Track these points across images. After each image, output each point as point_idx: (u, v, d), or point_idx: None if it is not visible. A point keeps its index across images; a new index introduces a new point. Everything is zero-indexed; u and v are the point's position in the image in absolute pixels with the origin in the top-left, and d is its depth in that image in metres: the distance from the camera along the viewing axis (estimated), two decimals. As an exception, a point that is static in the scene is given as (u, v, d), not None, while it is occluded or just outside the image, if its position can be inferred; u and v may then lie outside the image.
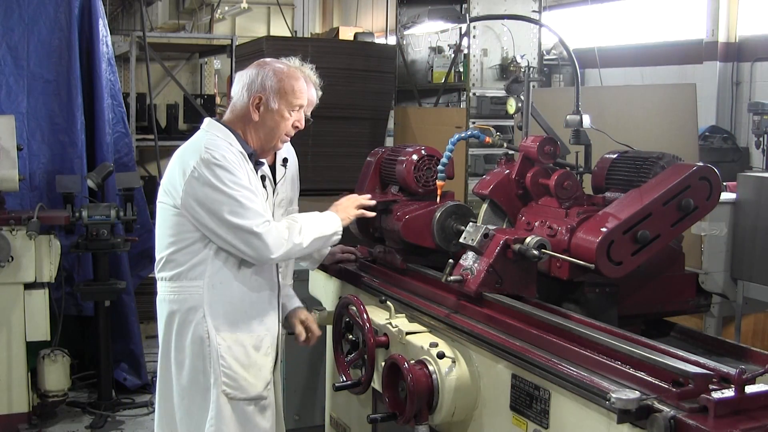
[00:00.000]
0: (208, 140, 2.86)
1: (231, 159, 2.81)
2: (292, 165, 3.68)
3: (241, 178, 2.81)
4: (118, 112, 5.78)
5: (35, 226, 4.68)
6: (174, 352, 2.93)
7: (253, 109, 2.91)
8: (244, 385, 2.89)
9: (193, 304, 2.87)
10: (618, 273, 2.54)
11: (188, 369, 2.90)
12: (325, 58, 4.57)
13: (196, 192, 2.77)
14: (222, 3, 14.56)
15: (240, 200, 2.77)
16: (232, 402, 2.88)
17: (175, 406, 2.95)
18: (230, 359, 2.87)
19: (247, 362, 2.90)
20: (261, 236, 2.77)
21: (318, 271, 3.73)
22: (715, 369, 2.04)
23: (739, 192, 4.34)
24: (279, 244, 2.81)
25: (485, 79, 6.99)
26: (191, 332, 2.88)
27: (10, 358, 4.81)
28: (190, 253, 2.85)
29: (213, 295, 2.86)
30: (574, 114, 3.04)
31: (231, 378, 2.87)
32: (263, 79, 2.91)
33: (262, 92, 2.90)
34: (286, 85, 2.93)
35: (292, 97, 2.94)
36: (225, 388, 2.86)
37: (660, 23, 11.39)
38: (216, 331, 2.86)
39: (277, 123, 2.94)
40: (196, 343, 2.87)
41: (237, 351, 2.88)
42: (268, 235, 2.78)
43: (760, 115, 8.16)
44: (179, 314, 2.89)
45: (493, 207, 3.05)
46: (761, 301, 4.19)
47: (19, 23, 5.32)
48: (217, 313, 2.87)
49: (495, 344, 2.48)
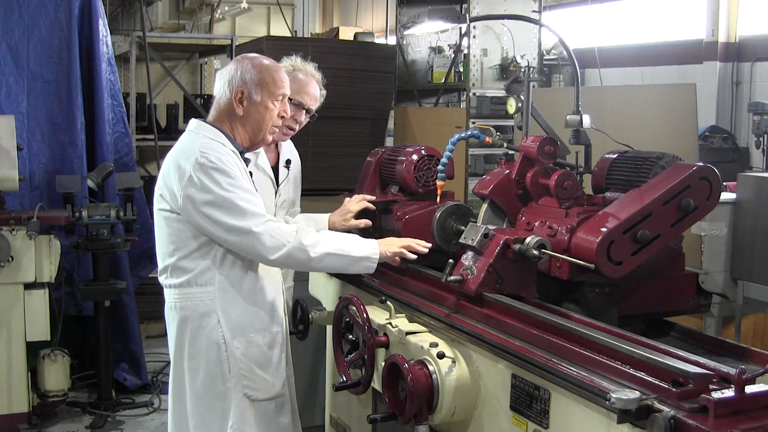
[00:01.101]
0: (201, 143, 2.82)
1: (226, 160, 2.79)
2: (295, 166, 3.69)
3: (238, 178, 2.80)
4: (118, 112, 5.79)
5: (35, 226, 4.68)
6: (187, 360, 2.91)
7: (237, 104, 2.88)
8: (264, 385, 2.91)
9: (206, 310, 2.85)
10: (618, 273, 2.54)
11: (203, 375, 2.88)
12: (325, 58, 4.56)
13: (195, 197, 2.75)
14: (222, 3, 14.56)
15: (237, 202, 2.75)
16: (254, 404, 2.89)
17: (189, 414, 2.93)
18: (248, 362, 2.88)
19: (264, 362, 2.92)
20: (259, 236, 2.75)
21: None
22: (715, 369, 2.04)
23: (739, 192, 4.34)
24: (278, 245, 2.77)
25: (485, 79, 6.99)
26: (206, 338, 2.86)
27: (10, 358, 4.81)
28: (196, 259, 2.84)
29: (225, 300, 2.86)
30: (574, 114, 3.04)
31: (251, 380, 2.87)
32: (242, 72, 2.88)
33: (243, 86, 2.87)
34: (266, 76, 2.89)
35: (273, 87, 2.90)
36: (247, 390, 2.86)
37: (660, 23, 11.38)
38: (232, 335, 2.86)
39: (262, 115, 2.91)
40: (212, 349, 2.86)
41: (254, 352, 2.89)
42: (267, 235, 2.75)
43: (760, 115, 8.15)
44: (192, 321, 2.87)
45: (493, 207, 3.05)
46: (761, 301, 4.19)
47: (19, 23, 5.33)
48: (231, 317, 2.86)
49: (495, 344, 2.47)
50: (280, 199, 3.56)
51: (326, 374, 3.80)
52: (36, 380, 4.99)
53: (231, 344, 2.86)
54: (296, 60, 3.52)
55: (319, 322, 3.36)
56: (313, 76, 3.52)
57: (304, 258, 2.83)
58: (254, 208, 2.79)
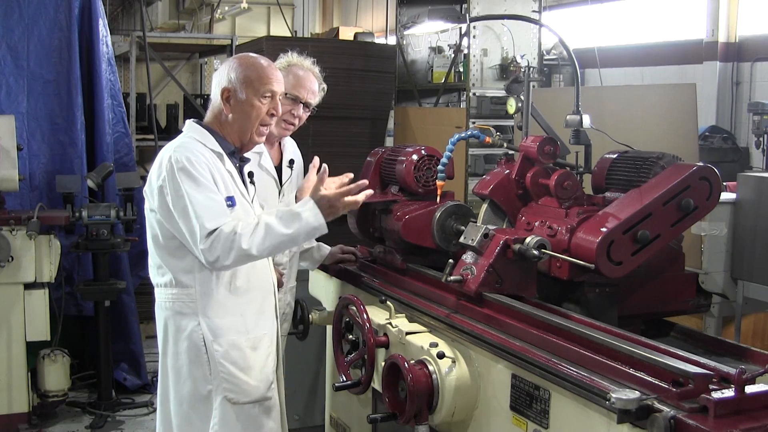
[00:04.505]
0: (180, 143, 2.81)
1: (198, 161, 2.73)
2: (298, 166, 3.68)
3: (204, 181, 2.71)
4: (118, 112, 5.79)
5: (35, 226, 4.68)
6: (171, 359, 2.89)
7: (224, 103, 2.84)
8: (246, 388, 2.85)
9: (188, 312, 2.83)
10: (618, 273, 2.54)
11: (186, 377, 2.86)
12: (325, 58, 4.55)
13: (163, 197, 2.73)
14: (222, 3, 14.55)
15: (194, 205, 2.67)
16: (236, 406, 2.84)
17: (173, 413, 2.92)
18: (228, 365, 2.82)
19: (245, 365, 2.86)
20: (208, 242, 2.65)
21: (318, 271, 3.73)
22: (715, 369, 2.04)
23: (739, 192, 4.34)
24: (227, 250, 2.65)
25: (485, 79, 6.99)
26: (187, 340, 2.84)
27: (10, 358, 4.81)
28: (177, 258, 2.80)
29: (206, 302, 2.81)
30: (574, 114, 3.04)
31: (232, 383, 2.83)
32: (229, 71, 2.84)
33: (229, 84, 2.83)
34: (251, 73, 2.82)
35: (259, 84, 2.82)
36: (228, 393, 2.82)
37: (660, 23, 11.38)
38: (212, 338, 2.81)
39: (248, 113, 2.83)
40: (193, 351, 2.83)
41: (235, 355, 2.84)
42: (217, 241, 2.64)
43: (760, 115, 8.15)
44: (174, 322, 2.86)
45: (493, 207, 3.05)
46: (761, 301, 4.19)
47: (19, 23, 5.33)
48: (212, 320, 2.82)
49: (495, 344, 2.48)
50: (284, 199, 3.56)
51: (326, 374, 3.80)
52: (36, 380, 4.99)
53: (211, 346, 2.81)
54: (293, 56, 3.51)
55: (319, 322, 3.36)
56: (311, 71, 3.51)
57: (248, 259, 2.72)
58: (207, 213, 2.67)
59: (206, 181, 2.72)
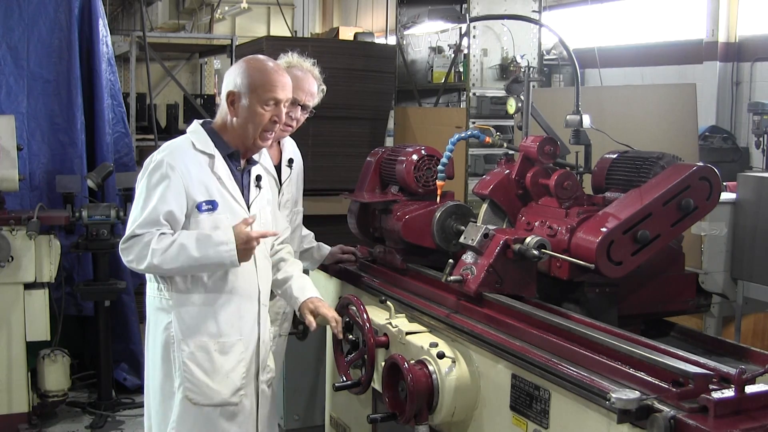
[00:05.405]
0: (169, 144, 2.90)
1: (172, 166, 2.77)
2: (298, 165, 3.68)
3: (161, 188, 2.76)
4: (118, 112, 5.78)
5: (35, 226, 4.68)
6: (150, 352, 2.97)
7: (229, 107, 2.86)
8: (206, 391, 2.86)
9: (163, 307, 2.89)
10: (618, 273, 2.54)
11: (158, 371, 2.92)
12: (325, 58, 4.55)
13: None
14: (222, 3, 14.56)
15: (137, 206, 2.81)
16: (195, 407, 2.86)
17: (149, 406, 3.02)
18: (192, 365, 2.84)
19: (210, 368, 2.86)
20: (127, 243, 2.79)
21: (318, 271, 3.73)
22: (715, 369, 2.04)
23: (739, 192, 4.34)
24: (141, 258, 2.77)
25: (485, 79, 6.98)
26: (161, 336, 2.89)
27: (10, 358, 4.80)
28: None
29: (181, 302, 2.86)
30: (574, 114, 3.04)
31: (193, 384, 2.85)
32: (236, 75, 2.85)
33: (234, 88, 2.84)
34: (256, 79, 2.82)
35: (262, 91, 2.81)
36: (188, 393, 2.85)
37: (660, 23, 11.39)
38: (181, 336, 2.85)
39: (250, 119, 2.83)
40: (164, 347, 2.88)
41: (200, 357, 2.85)
42: (135, 246, 2.77)
43: (760, 115, 8.16)
44: (154, 316, 2.94)
45: (493, 207, 3.05)
46: (761, 301, 4.19)
47: (19, 23, 5.32)
48: (183, 319, 2.85)
49: (495, 344, 2.48)
50: (283, 198, 3.56)
51: (326, 374, 3.80)
52: (36, 380, 4.99)
53: (179, 345, 2.85)
54: (293, 57, 3.51)
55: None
56: (310, 72, 3.50)
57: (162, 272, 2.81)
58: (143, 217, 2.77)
59: (164, 189, 2.77)
